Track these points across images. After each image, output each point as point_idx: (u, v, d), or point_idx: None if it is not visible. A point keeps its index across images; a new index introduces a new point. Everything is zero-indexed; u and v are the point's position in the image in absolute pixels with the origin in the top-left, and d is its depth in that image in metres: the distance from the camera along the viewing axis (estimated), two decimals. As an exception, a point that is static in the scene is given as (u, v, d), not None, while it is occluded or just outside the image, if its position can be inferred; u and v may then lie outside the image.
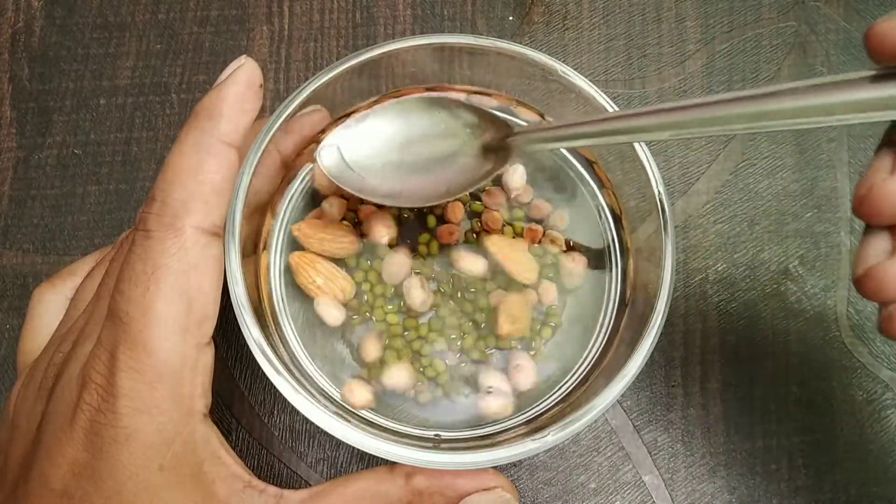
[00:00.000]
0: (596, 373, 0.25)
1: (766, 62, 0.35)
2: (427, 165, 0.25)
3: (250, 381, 0.30)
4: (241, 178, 0.22)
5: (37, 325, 0.26)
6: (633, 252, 0.26)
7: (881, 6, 0.35)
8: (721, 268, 0.32)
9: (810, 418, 0.31)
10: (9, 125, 0.33)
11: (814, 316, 0.32)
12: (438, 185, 0.24)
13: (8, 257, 0.32)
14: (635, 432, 0.30)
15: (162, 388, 0.20)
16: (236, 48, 0.34)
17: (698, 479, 0.30)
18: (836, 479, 0.30)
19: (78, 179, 0.33)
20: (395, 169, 0.25)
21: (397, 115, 0.25)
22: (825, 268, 0.32)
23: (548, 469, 0.30)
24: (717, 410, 0.31)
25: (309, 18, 0.35)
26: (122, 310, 0.20)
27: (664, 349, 0.31)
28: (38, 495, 0.20)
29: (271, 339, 0.22)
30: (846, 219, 0.33)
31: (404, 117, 0.25)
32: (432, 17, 0.35)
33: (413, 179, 0.25)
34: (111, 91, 0.34)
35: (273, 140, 0.23)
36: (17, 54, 0.34)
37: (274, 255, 0.26)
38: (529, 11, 0.35)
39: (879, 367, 0.31)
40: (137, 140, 0.33)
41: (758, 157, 0.33)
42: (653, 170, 0.24)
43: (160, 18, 0.35)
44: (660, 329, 0.22)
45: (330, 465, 0.30)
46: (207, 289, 0.21)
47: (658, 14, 0.35)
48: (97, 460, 0.20)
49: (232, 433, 0.30)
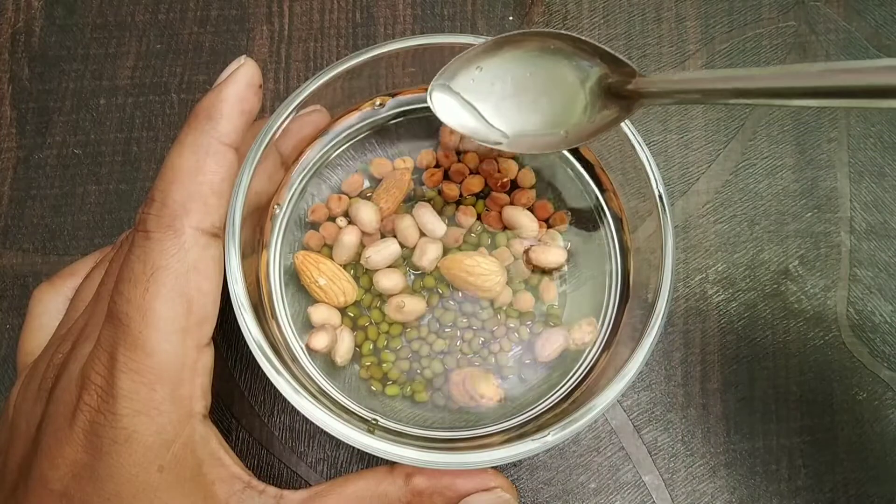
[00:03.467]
0: (596, 373, 0.24)
1: (766, 62, 0.35)
2: (545, 107, 0.23)
3: (250, 381, 0.30)
4: (241, 178, 0.22)
5: (37, 325, 0.26)
6: (633, 252, 0.26)
7: (881, 6, 0.35)
8: (721, 268, 0.32)
9: (810, 418, 0.31)
10: (9, 125, 0.33)
11: (814, 316, 0.32)
12: (556, 131, 0.22)
13: (8, 257, 0.32)
14: (635, 432, 0.30)
15: (161, 389, 0.20)
16: (236, 48, 0.34)
17: (698, 479, 0.30)
18: (836, 479, 0.30)
19: (78, 179, 0.33)
20: (510, 110, 0.23)
21: (512, 53, 0.23)
22: (825, 268, 0.32)
23: (548, 469, 0.30)
24: (717, 410, 0.31)
25: (309, 18, 0.35)
26: (121, 311, 0.20)
27: (664, 349, 0.31)
28: (38, 496, 0.20)
29: (271, 339, 0.22)
30: (846, 219, 0.33)
31: (519, 55, 0.23)
32: (432, 17, 0.35)
33: (529, 123, 0.23)
34: (111, 91, 0.34)
35: (273, 140, 0.23)
36: (17, 54, 0.34)
37: (274, 254, 0.26)
38: (529, 11, 0.35)
39: (879, 367, 0.31)
40: (137, 140, 0.33)
41: (758, 157, 0.33)
42: (653, 170, 0.24)
43: (160, 18, 0.35)
44: (660, 329, 0.22)
45: (330, 465, 0.30)
46: (207, 289, 0.21)
47: (658, 14, 0.35)
48: (96, 461, 0.20)
49: (232, 433, 0.30)
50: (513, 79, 0.23)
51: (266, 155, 0.23)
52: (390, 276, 0.25)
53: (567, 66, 0.22)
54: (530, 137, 0.23)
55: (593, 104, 0.22)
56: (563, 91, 0.23)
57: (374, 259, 0.25)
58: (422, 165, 0.27)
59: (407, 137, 0.28)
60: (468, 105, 0.23)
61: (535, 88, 0.23)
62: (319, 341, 0.24)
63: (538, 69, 0.23)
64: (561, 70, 0.23)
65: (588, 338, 0.25)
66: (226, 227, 0.22)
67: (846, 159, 0.34)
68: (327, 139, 0.27)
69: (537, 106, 0.23)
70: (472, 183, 0.27)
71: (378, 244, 0.25)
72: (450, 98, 0.23)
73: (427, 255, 0.25)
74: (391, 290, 0.25)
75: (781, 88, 0.17)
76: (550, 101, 0.23)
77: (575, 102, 0.22)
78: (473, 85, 0.23)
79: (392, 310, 0.25)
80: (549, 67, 0.23)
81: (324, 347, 0.24)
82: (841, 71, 0.16)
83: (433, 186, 0.27)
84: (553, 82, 0.23)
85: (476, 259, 0.25)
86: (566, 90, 0.23)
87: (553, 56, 0.22)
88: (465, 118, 0.23)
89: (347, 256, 0.25)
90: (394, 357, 0.25)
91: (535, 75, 0.23)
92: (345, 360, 0.25)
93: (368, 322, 0.25)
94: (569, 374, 0.25)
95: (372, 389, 0.25)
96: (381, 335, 0.25)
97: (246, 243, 0.23)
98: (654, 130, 0.34)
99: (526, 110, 0.23)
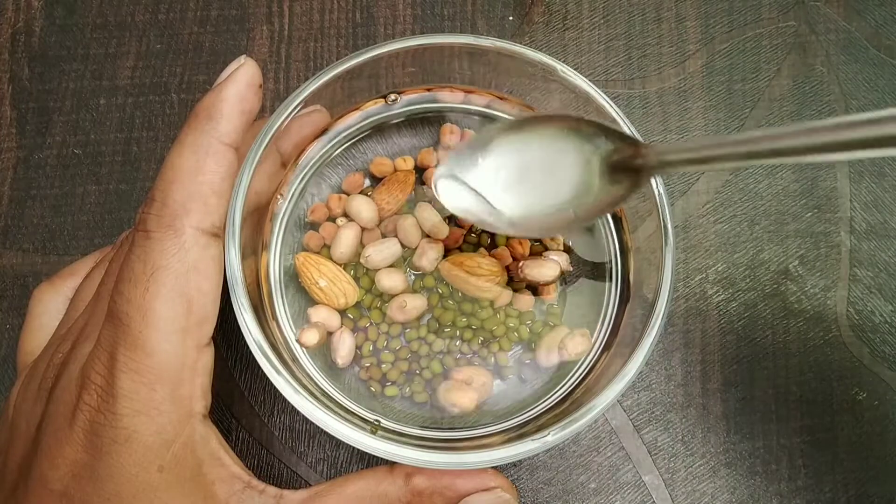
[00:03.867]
0: (596, 373, 0.24)
1: (766, 62, 0.35)
2: (550, 190, 0.22)
3: (250, 381, 0.30)
4: (241, 178, 0.22)
5: (37, 325, 0.26)
6: (633, 252, 0.26)
7: (881, 6, 0.35)
8: (721, 268, 0.32)
9: (810, 418, 0.31)
10: (9, 125, 0.33)
11: (814, 316, 0.32)
12: (565, 212, 0.22)
13: (8, 257, 0.32)
14: (635, 432, 0.30)
15: (161, 389, 0.20)
16: (236, 48, 0.34)
17: (698, 479, 0.30)
18: (836, 479, 0.30)
19: (78, 179, 0.33)
20: (515, 195, 0.23)
21: (514, 137, 0.23)
22: (825, 268, 0.32)
23: (548, 469, 0.30)
24: (717, 410, 0.31)
25: (309, 18, 0.35)
26: (121, 310, 0.20)
27: (664, 349, 0.31)
28: (38, 496, 0.20)
29: (271, 339, 0.22)
30: (846, 219, 0.33)
31: (521, 139, 0.23)
32: (432, 17, 0.35)
33: (536, 205, 0.22)
34: (111, 91, 0.34)
35: (273, 140, 0.23)
36: (17, 54, 0.34)
37: (274, 255, 0.26)
38: (529, 11, 0.35)
39: (879, 366, 0.31)
40: (137, 140, 0.33)
41: (758, 157, 0.33)
42: (653, 170, 0.24)
43: (160, 18, 0.35)
44: (660, 329, 0.22)
45: (330, 465, 0.30)
46: (207, 289, 0.21)
47: (658, 14, 0.35)
48: (96, 461, 0.20)
49: (232, 433, 0.30)
50: (516, 163, 0.23)
51: (266, 155, 0.23)
52: (392, 275, 0.25)
53: (570, 146, 0.22)
54: (538, 219, 0.22)
55: (600, 181, 0.22)
56: (567, 171, 0.22)
57: (374, 258, 0.25)
58: (422, 165, 0.27)
59: (407, 137, 0.28)
60: (474, 192, 0.23)
61: (539, 171, 0.23)
62: (310, 337, 0.24)
63: (541, 152, 0.22)
64: (564, 150, 0.22)
65: (581, 349, 0.25)
66: (226, 227, 0.22)
67: (846, 159, 0.34)
68: (327, 139, 0.27)
69: (543, 188, 0.22)
70: None
71: (379, 244, 0.25)
72: (455, 185, 0.23)
73: (428, 256, 0.25)
74: (392, 290, 0.25)
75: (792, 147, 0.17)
76: (556, 182, 0.22)
77: (581, 181, 0.22)
78: (477, 173, 0.23)
79: (394, 309, 0.25)
80: (553, 149, 0.22)
81: (314, 344, 0.24)
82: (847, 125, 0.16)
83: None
84: (557, 163, 0.22)
85: (476, 260, 0.25)
86: (571, 170, 0.22)
87: (555, 137, 0.22)
88: (472, 206, 0.23)
89: (345, 253, 0.25)
90: (393, 357, 0.25)
91: (539, 158, 0.23)
92: (346, 361, 0.25)
93: (368, 323, 0.25)
94: (569, 374, 0.25)
95: (371, 390, 0.25)
96: (380, 336, 0.25)
97: (246, 243, 0.23)
98: (654, 130, 0.34)
99: (532, 194, 0.23)
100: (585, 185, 0.22)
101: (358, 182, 0.27)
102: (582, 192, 0.22)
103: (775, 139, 0.17)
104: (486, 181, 0.23)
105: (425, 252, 0.25)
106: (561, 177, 0.22)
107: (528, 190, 0.23)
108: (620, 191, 0.21)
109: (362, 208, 0.26)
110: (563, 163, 0.22)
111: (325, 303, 0.25)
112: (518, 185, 0.23)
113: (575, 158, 0.22)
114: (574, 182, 0.22)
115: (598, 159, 0.22)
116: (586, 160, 0.22)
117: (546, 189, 0.22)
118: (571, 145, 0.22)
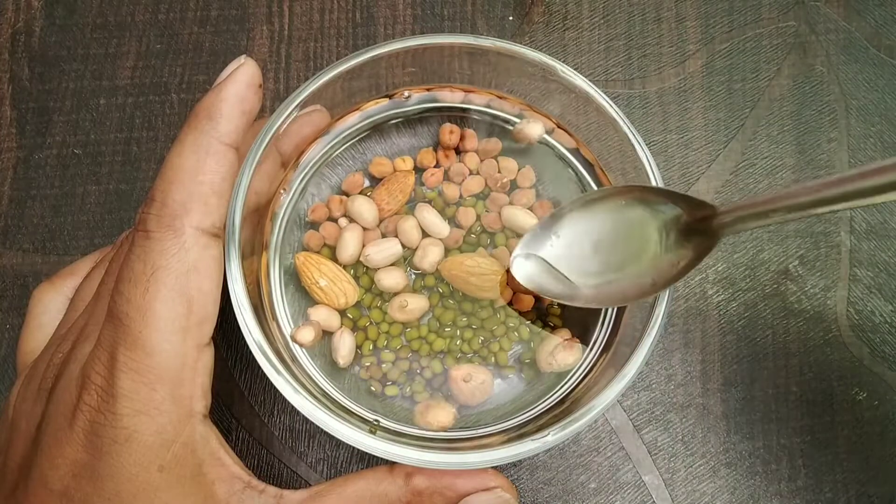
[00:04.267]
0: (596, 373, 0.24)
1: (766, 62, 0.35)
2: (626, 259, 0.23)
3: (250, 381, 0.30)
4: (241, 178, 0.22)
5: (36, 325, 0.26)
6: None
7: (881, 6, 0.35)
8: (721, 268, 0.32)
9: (810, 418, 0.31)
10: (9, 125, 0.33)
11: (814, 316, 0.32)
12: (643, 280, 0.23)
13: (8, 257, 0.32)
14: (635, 432, 0.30)
15: (162, 389, 0.20)
16: (236, 48, 0.34)
17: (698, 479, 0.30)
18: (836, 479, 0.30)
19: (78, 179, 0.33)
20: (591, 267, 0.24)
21: (585, 213, 0.24)
22: (825, 268, 0.32)
23: (548, 469, 0.30)
24: (717, 410, 0.31)
25: (309, 18, 0.35)
26: (121, 310, 0.20)
27: (664, 349, 0.31)
28: (38, 496, 0.20)
29: (271, 339, 0.22)
30: (846, 219, 0.33)
31: (592, 214, 0.24)
32: (432, 17, 0.35)
33: (612, 275, 0.23)
34: (111, 91, 0.34)
35: (273, 140, 0.23)
36: (17, 54, 0.34)
37: (274, 255, 0.26)
38: (529, 11, 0.35)
39: (879, 366, 0.31)
40: (137, 140, 0.33)
41: (758, 157, 0.33)
42: (653, 170, 0.24)
43: (160, 18, 0.35)
44: (660, 329, 0.22)
45: (330, 465, 0.30)
46: (207, 289, 0.21)
47: (658, 14, 0.35)
48: (97, 461, 0.20)
49: (232, 433, 0.30)
50: (589, 238, 0.24)
51: (266, 155, 0.23)
52: (392, 274, 0.25)
53: (639, 216, 0.23)
54: (616, 287, 0.23)
55: (673, 245, 0.22)
56: (638, 240, 0.23)
57: (375, 258, 0.25)
58: (422, 165, 0.27)
59: (407, 137, 0.28)
60: (551, 269, 0.24)
61: (611, 243, 0.24)
62: (305, 335, 0.24)
63: (612, 223, 0.24)
64: (634, 220, 0.23)
65: (570, 360, 0.25)
66: (226, 227, 0.22)
67: (846, 159, 0.34)
68: (327, 139, 0.27)
69: (616, 258, 0.23)
70: (472, 183, 0.27)
71: (379, 243, 0.25)
72: (531, 265, 0.24)
73: (429, 257, 0.25)
74: (393, 289, 0.25)
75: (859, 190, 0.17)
76: (628, 250, 0.23)
77: (653, 249, 0.23)
78: (553, 250, 0.24)
79: (395, 309, 0.25)
80: (623, 219, 0.23)
81: (310, 342, 0.24)
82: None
83: (433, 186, 0.27)
84: (628, 232, 0.23)
85: (476, 260, 0.25)
86: (642, 239, 0.23)
87: (624, 208, 0.23)
88: (548, 282, 0.24)
89: (353, 256, 0.25)
90: (393, 357, 0.25)
91: (610, 230, 0.24)
92: (346, 361, 0.25)
93: (368, 322, 0.25)
94: (569, 374, 0.25)
95: (372, 390, 0.25)
96: (381, 335, 0.25)
97: (246, 243, 0.23)
98: (654, 130, 0.34)
99: (606, 264, 0.24)
100: (657, 252, 0.23)
101: (358, 182, 0.27)
102: (655, 259, 0.23)
103: (840, 184, 0.18)
104: (561, 257, 0.24)
105: (427, 253, 0.25)
106: (632, 247, 0.23)
107: (602, 261, 0.24)
108: (692, 253, 0.22)
109: (364, 209, 0.26)
110: (633, 233, 0.23)
111: (325, 303, 0.25)
112: (592, 259, 0.24)
113: (645, 227, 0.23)
114: (646, 250, 0.23)
115: (667, 225, 0.22)
116: (656, 228, 0.23)
117: (620, 260, 0.23)
118: (640, 215, 0.23)
